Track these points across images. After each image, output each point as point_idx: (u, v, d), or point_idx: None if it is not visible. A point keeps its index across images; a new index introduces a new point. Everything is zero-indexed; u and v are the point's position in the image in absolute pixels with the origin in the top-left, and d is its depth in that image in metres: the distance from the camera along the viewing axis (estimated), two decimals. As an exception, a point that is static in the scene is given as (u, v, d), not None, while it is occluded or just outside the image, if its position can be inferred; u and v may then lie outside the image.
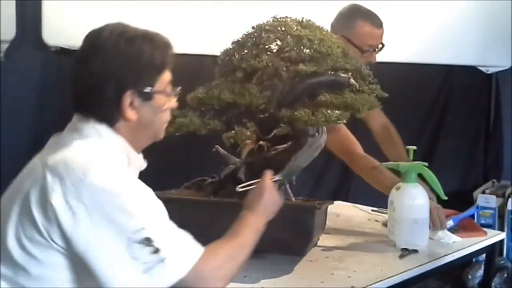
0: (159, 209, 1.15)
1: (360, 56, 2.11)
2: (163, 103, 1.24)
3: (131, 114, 1.18)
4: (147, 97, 1.19)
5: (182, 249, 1.13)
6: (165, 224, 1.14)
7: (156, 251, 1.07)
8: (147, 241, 1.07)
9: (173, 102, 1.29)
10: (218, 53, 1.72)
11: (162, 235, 1.11)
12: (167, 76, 1.24)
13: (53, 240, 1.07)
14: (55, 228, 1.06)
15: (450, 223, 1.98)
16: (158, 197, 1.20)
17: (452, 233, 1.94)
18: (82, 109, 1.19)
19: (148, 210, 1.12)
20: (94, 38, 1.18)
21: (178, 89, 1.29)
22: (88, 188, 1.06)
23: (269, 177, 1.45)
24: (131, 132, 1.21)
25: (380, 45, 2.22)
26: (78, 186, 1.06)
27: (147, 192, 1.15)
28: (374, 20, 2.19)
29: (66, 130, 1.22)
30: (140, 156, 1.29)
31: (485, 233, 2.02)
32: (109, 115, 1.18)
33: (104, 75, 1.15)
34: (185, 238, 1.16)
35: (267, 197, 1.40)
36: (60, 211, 1.05)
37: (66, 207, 1.05)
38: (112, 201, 1.07)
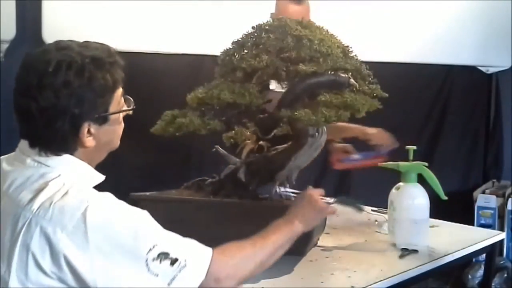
0: (156, 222, 1.14)
1: None
2: (118, 120, 1.22)
3: (89, 141, 1.15)
4: (104, 120, 1.16)
5: (195, 252, 1.14)
6: (171, 234, 1.14)
7: (175, 261, 1.09)
8: (164, 255, 1.08)
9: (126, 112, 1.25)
10: (218, 53, 1.72)
11: (174, 245, 1.12)
12: (119, 92, 1.20)
13: (66, 284, 1.06)
14: (69, 275, 1.05)
15: (356, 157, 2.10)
16: (159, 197, 1.20)
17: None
18: (36, 142, 1.15)
19: (151, 226, 1.12)
20: (41, 75, 1.09)
21: (132, 102, 1.25)
22: (92, 228, 1.05)
23: (316, 192, 1.48)
24: (90, 154, 1.19)
25: None
26: (83, 230, 1.04)
27: (139, 211, 1.13)
28: None
29: (22, 162, 1.16)
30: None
31: (385, 159, 2.01)
32: (67, 146, 1.15)
33: (58, 111, 1.10)
34: (193, 242, 1.16)
35: (307, 205, 1.43)
36: (74, 259, 1.04)
37: (78, 253, 1.04)
38: (118, 231, 1.07)
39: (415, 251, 1.76)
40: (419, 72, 3.73)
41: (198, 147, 2.78)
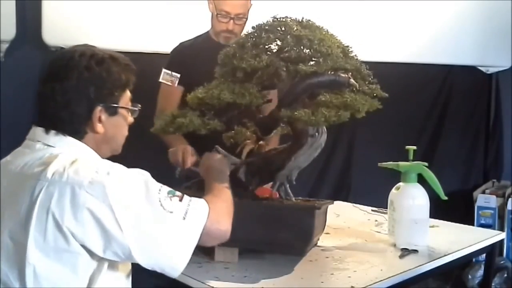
0: None
1: (217, 19, 2.31)
2: (125, 118, 1.38)
3: (99, 127, 1.31)
4: (113, 112, 1.33)
5: (192, 197, 1.32)
6: None
7: (182, 197, 1.28)
8: (172, 193, 1.27)
9: (131, 118, 1.41)
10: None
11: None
12: (128, 94, 1.38)
13: (85, 244, 1.17)
14: (94, 229, 1.17)
15: None
16: None
17: None
18: (52, 125, 1.29)
19: (152, 178, 1.28)
20: (67, 60, 1.29)
21: (138, 106, 1.41)
22: (109, 183, 1.18)
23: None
24: (96, 145, 1.33)
25: (242, 16, 2.30)
26: (100, 185, 1.18)
27: (140, 169, 1.29)
28: None
29: (32, 148, 1.29)
30: None
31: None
32: (79, 129, 1.30)
33: (78, 92, 1.27)
34: None
35: (215, 166, 1.60)
36: (97, 210, 1.16)
37: (100, 204, 1.17)
38: (131, 183, 1.23)
39: (415, 251, 1.76)
40: (419, 72, 3.73)
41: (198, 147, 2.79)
